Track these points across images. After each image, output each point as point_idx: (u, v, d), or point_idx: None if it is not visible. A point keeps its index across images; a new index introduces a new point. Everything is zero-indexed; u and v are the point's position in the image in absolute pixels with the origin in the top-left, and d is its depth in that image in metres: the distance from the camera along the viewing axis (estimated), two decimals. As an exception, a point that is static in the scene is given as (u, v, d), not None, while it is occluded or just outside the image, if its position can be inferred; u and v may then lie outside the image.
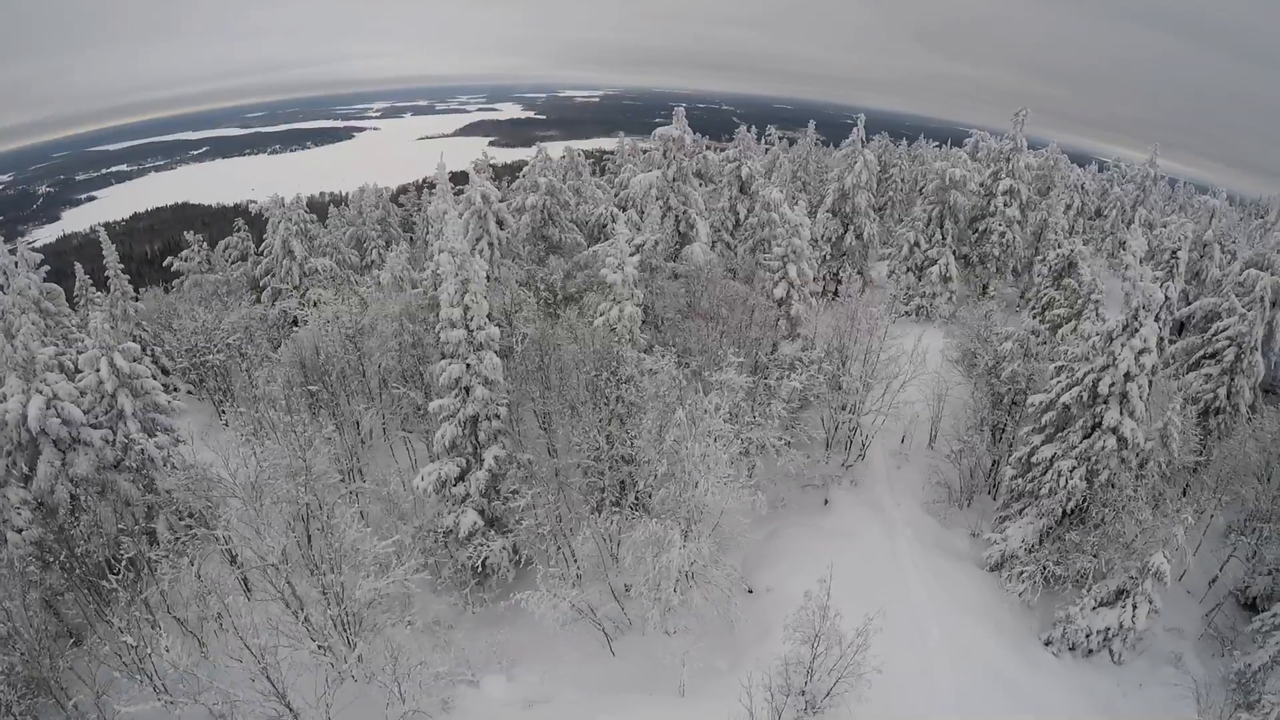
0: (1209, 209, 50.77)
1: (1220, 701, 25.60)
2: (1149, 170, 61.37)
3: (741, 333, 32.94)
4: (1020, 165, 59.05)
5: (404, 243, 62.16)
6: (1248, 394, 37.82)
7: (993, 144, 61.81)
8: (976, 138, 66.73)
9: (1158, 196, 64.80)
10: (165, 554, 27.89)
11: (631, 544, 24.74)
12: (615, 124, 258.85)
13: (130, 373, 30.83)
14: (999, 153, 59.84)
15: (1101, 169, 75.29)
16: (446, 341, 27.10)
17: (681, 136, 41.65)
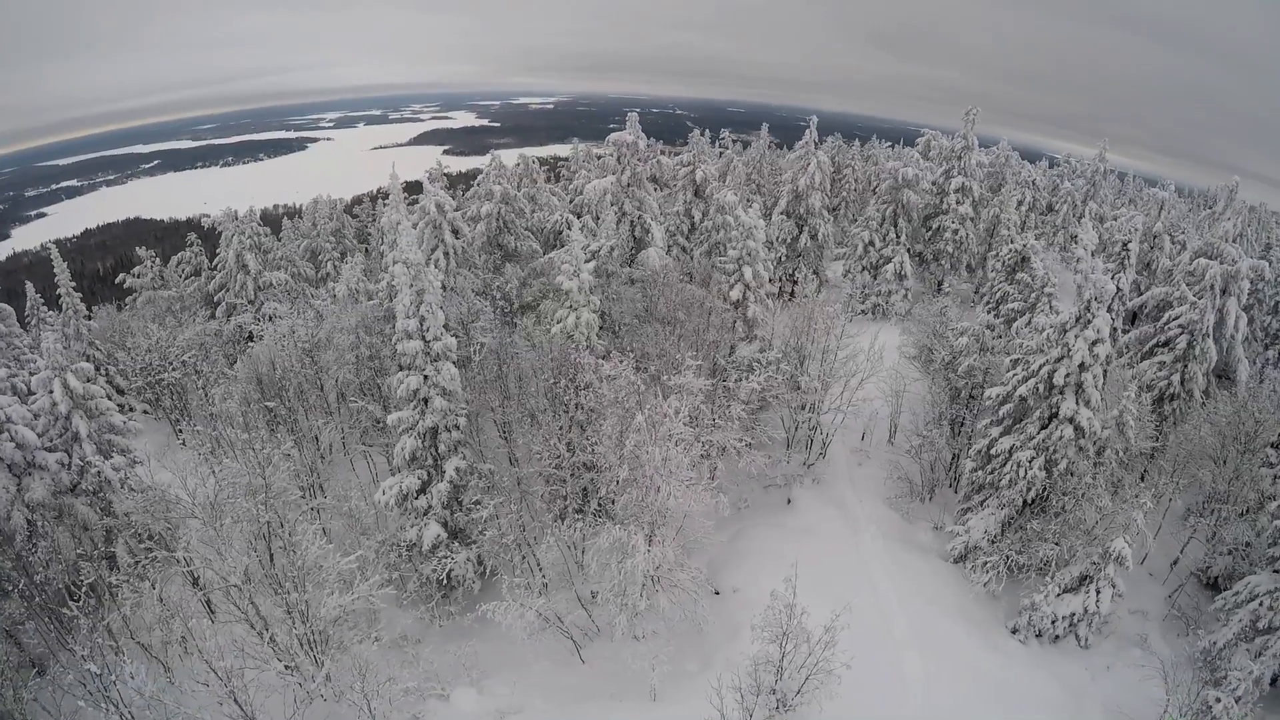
0: (1158, 201, 51.75)
1: (1188, 680, 25.80)
2: (1099, 165, 62.53)
3: (699, 336, 32.92)
4: (972, 163, 59.87)
5: (359, 254, 61.34)
6: (1201, 380, 38.57)
7: (944, 143, 62.63)
8: (928, 137, 67.58)
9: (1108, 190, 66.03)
10: (126, 578, 27.02)
11: (596, 550, 24.61)
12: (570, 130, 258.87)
13: (84, 393, 30.21)
14: (951, 151, 60.56)
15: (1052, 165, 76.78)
16: (403, 353, 26.74)
17: (635, 141, 41.66)
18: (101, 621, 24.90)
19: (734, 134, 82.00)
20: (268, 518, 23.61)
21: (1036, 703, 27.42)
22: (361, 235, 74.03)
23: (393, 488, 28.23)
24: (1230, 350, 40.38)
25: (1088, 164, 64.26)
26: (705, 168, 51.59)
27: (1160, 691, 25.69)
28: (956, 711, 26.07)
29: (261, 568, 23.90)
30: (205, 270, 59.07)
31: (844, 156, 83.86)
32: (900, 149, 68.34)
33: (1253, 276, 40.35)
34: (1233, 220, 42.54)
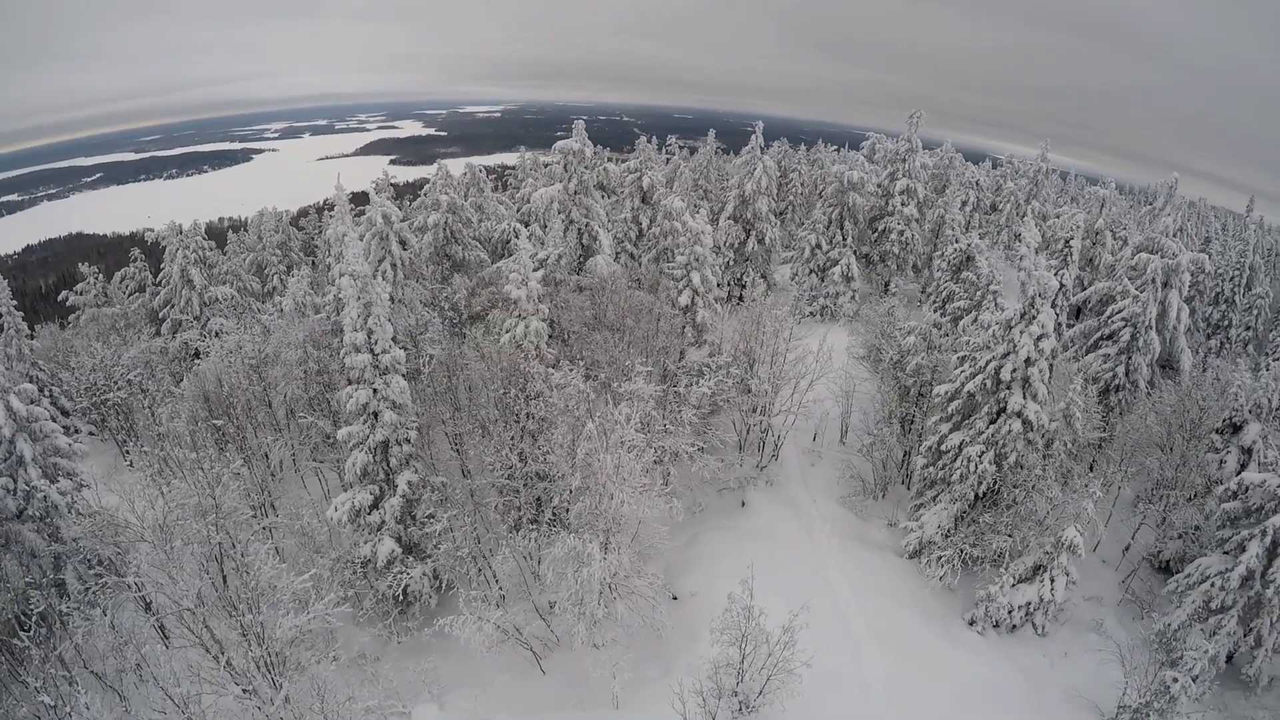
0: (1099, 198, 53.01)
1: (1145, 662, 26.22)
2: (1041, 165, 64.17)
3: (648, 342, 32.84)
4: (916, 165, 60.89)
5: (306, 267, 60.51)
6: (1145, 371, 39.57)
7: (889, 146, 63.61)
8: (873, 140, 68.65)
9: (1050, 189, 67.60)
10: (76, 605, 26.68)
11: (551, 560, 24.36)
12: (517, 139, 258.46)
13: (28, 415, 29.27)
14: (895, 154, 61.53)
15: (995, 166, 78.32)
16: (352, 367, 26.30)
17: (582, 149, 41.60)
18: (54, 651, 24.47)
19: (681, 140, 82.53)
20: (219, 539, 23.12)
21: (997, 692, 27.75)
22: (308, 248, 73.19)
23: (345, 504, 27.71)
24: (1173, 341, 41.41)
25: (1030, 164, 65.88)
26: (652, 174, 51.62)
27: (1118, 674, 26.23)
28: (918, 704, 26.27)
29: (215, 590, 23.25)
30: (150, 286, 57.61)
31: (790, 161, 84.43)
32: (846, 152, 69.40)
33: (1193, 269, 41.43)
34: (1173, 215, 43.75)
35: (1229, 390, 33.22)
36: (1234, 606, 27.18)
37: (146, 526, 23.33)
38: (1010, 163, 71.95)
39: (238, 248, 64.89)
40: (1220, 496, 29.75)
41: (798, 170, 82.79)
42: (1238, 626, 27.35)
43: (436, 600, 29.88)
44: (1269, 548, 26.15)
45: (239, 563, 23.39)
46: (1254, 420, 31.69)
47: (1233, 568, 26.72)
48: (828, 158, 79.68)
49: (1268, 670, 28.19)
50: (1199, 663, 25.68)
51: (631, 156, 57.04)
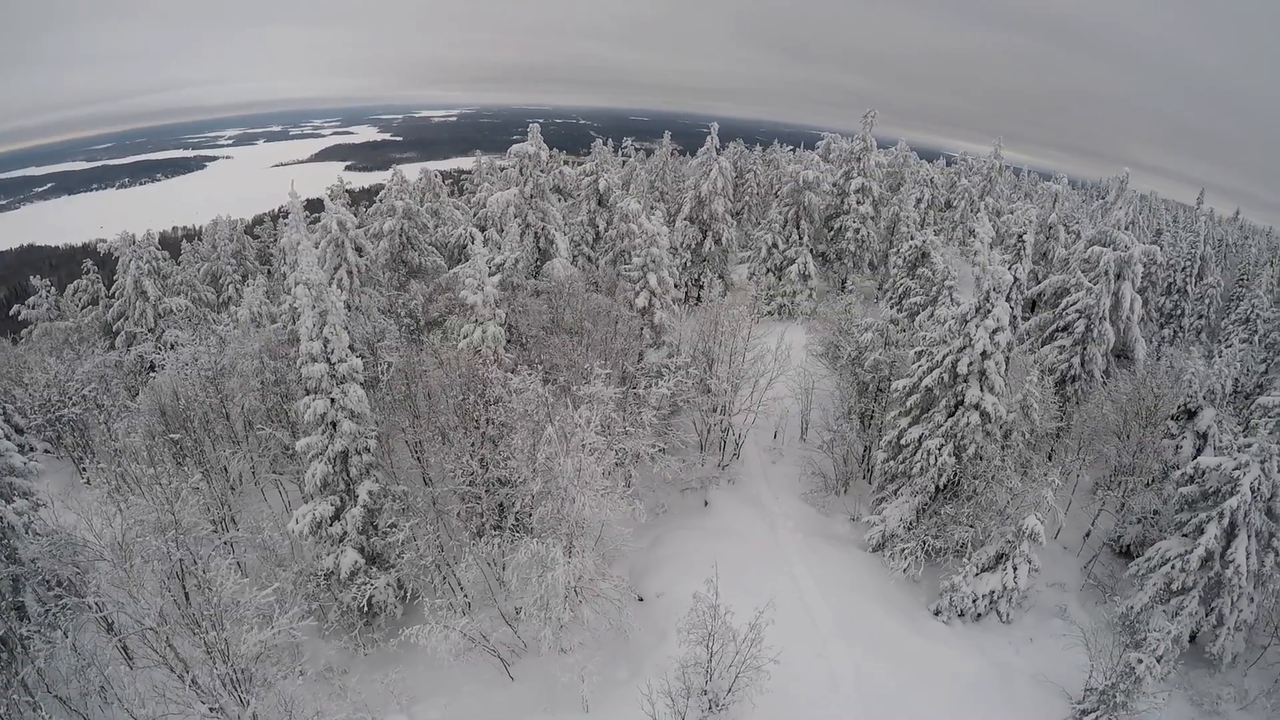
0: (1052, 194, 54.02)
1: (1109, 645, 26.72)
2: (994, 161, 65.15)
3: (607, 344, 32.77)
4: (871, 164, 61.43)
5: (261, 276, 59.91)
6: (1100, 361, 40.27)
7: (844, 145, 64.11)
8: (828, 140, 69.12)
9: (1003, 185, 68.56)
10: (37, 628, 25.84)
11: (516, 566, 24.23)
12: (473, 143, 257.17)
13: (-18, 434, 28.42)
14: (850, 153, 62.07)
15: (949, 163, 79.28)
16: (309, 376, 25.90)
17: (538, 153, 41.42)
18: (16, 677, 23.67)
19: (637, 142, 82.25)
20: (179, 555, 22.67)
21: (964, 679, 28.13)
22: (263, 256, 72.24)
23: (306, 516, 27.32)
24: (1127, 331, 42.18)
25: (983, 161, 66.73)
26: (608, 177, 51.73)
27: (1084, 658, 26.71)
28: (886, 696, 26.53)
29: (177, 607, 22.82)
30: (103, 299, 56.55)
31: (746, 161, 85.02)
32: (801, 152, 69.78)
33: (1145, 261, 42.16)
34: (1124, 209, 44.59)
35: (1183, 377, 34.01)
36: (1195, 587, 27.82)
37: (105, 545, 23.06)
38: (964, 160, 72.73)
39: (192, 257, 63.77)
40: (1177, 481, 30.44)
41: (753, 171, 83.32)
42: (1199, 607, 28.04)
43: (402, 610, 29.57)
44: (1227, 529, 26.82)
45: (200, 579, 22.86)
46: (1208, 406, 32.45)
47: (1192, 550, 27.34)
48: (783, 158, 79.89)
49: (1231, 648, 28.89)
50: (1162, 643, 25.94)
51: (587, 159, 57.17)
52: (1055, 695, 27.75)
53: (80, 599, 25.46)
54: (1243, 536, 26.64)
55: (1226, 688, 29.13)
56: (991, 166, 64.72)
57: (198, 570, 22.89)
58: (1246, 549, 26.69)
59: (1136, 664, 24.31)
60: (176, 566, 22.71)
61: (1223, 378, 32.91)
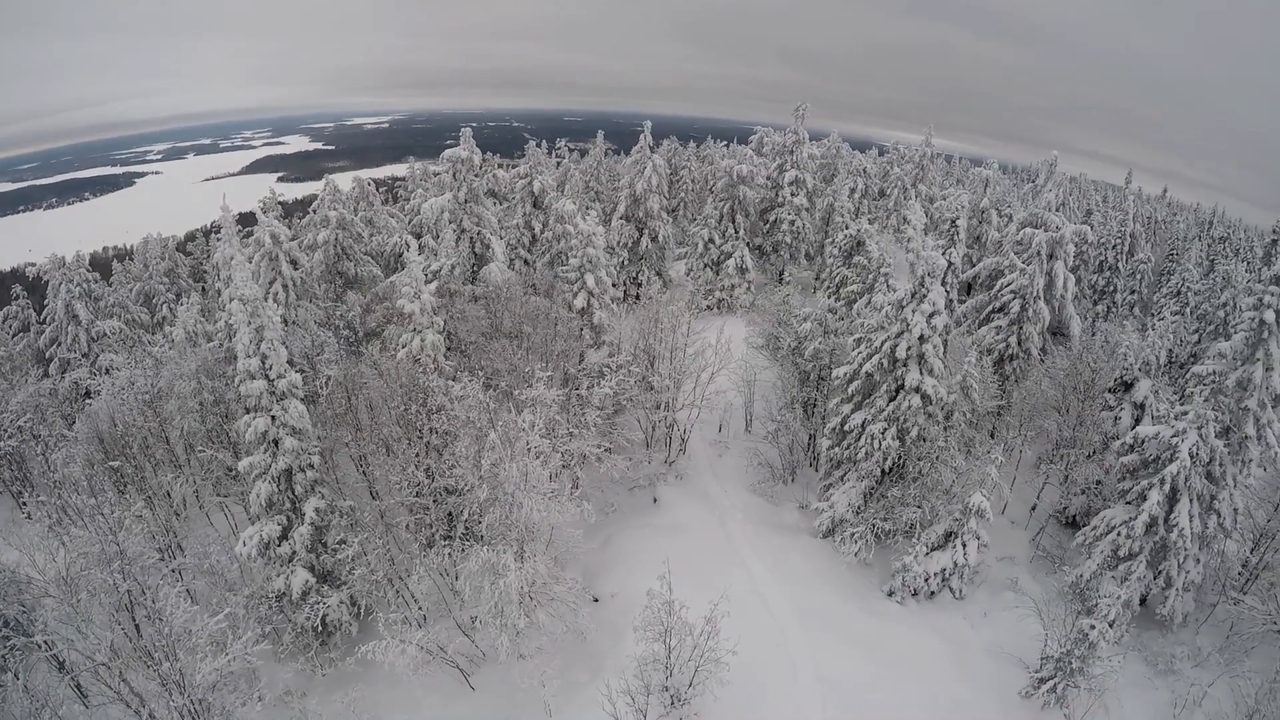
0: (983, 179, 55.15)
1: (1062, 613, 27.43)
2: (925, 150, 66.32)
3: (547, 346, 32.69)
4: (804, 156, 62.20)
5: (195, 294, 58.38)
6: (1037, 339, 41.32)
7: (777, 138, 64.70)
8: (761, 134, 69.77)
9: (936, 173, 69.71)
10: (-14, 672, 24.96)
11: (468, 574, 24.00)
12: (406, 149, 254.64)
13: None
14: (783, 146, 62.62)
15: (882, 153, 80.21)
16: (248, 394, 25.47)
17: (470, 157, 41.20)
18: (-34, 726, 22.91)
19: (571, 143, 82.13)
20: (127, 586, 21.96)
21: (922, 657, 28.70)
22: (197, 273, 70.59)
23: (253, 537, 26.82)
24: (1062, 309, 43.34)
25: (915, 149, 67.77)
26: (543, 179, 51.49)
27: (1038, 628, 27.35)
28: (846, 678, 26.96)
29: (129, 640, 22.15)
30: (34, 325, 54.55)
31: (680, 158, 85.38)
32: (735, 147, 69.96)
33: (1077, 240, 43.42)
34: (1054, 191, 45.66)
35: (1118, 351, 34.99)
36: (1142, 552, 28.62)
37: (50, 580, 22.86)
38: (896, 149, 73.62)
39: (124, 278, 61.96)
40: (1118, 451, 31.34)
41: (688, 167, 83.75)
42: (1147, 571, 28.84)
43: (357, 627, 29.14)
44: (1168, 495, 27.61)
45: (150, 609, 22.24)
46: (1144, 377, 33.43)
47: (1136, 516, 28.08)
48: (717, 153, 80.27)
49: (1181, 608, 29.85)
50: (1113, 608, 26.91)
51: (522, 162, 56.55)
52: (1012, 666, 28.37)
53: (29, 638, 24.88)
54: (1184, 501, 27.44)
55: (1180, 646, 30.17)
56: (923, 155, 65.81)
57: (147, 600, 22.27)
58: (1189, 512, 27.52)
59: (1090, 630, 25.03)
60: (125, 598, 21.95)
61: (1157, 349, 33.91)
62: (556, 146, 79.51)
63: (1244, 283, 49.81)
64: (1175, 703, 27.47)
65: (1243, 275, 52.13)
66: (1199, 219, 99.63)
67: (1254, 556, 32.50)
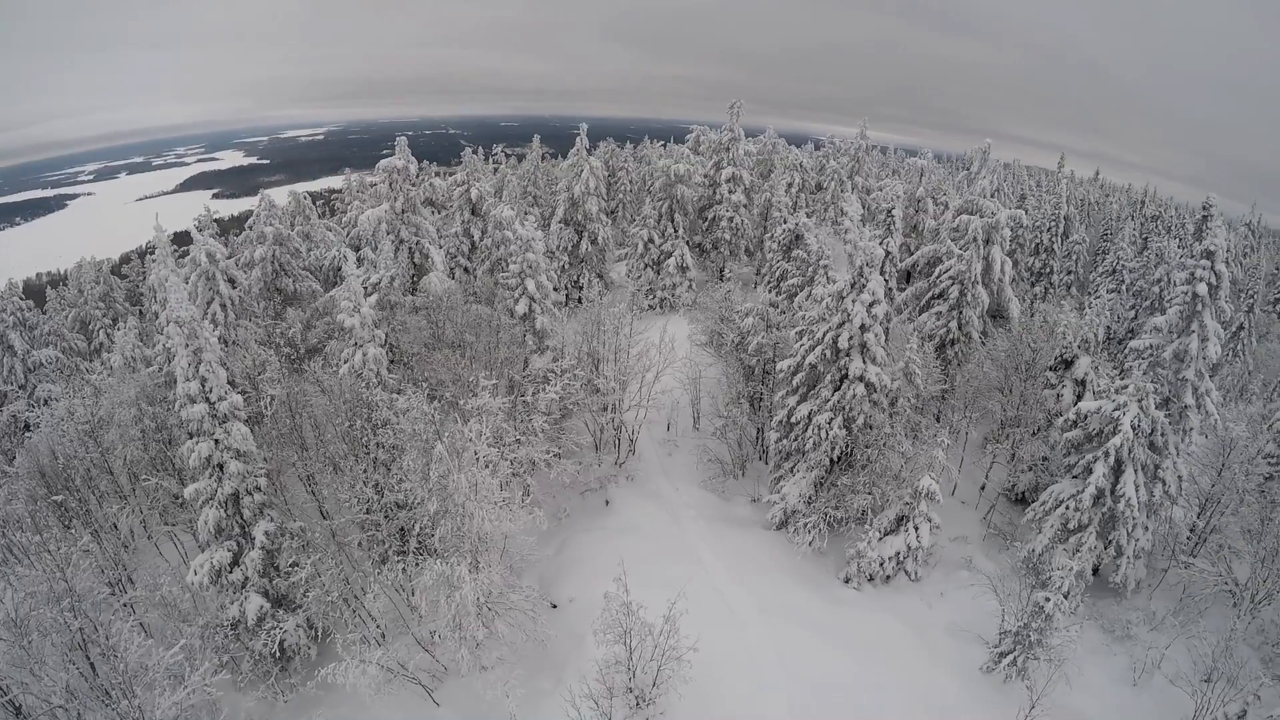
0: (918, 168, 56.41)
1: (1017, 588, 28.16)
2: (860, 142, 67.47)
3: (490, 354, 32.59)
4: (740, 153, 63.08)
5: (132, 318, 56.95)
6: (977, 323, 42.30)
7: (713, 137, 65.43)
8: (698, 132, 70.31)
9: (871, 164, 70.97)
10: (-64, 726, 24.09)
11: (423, 589, 23.82)
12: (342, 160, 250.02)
13: None
14: (719, 144, 63.42)
15: (818, 147, 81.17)
16: (189, 419, 24.96)
17: (406, 166, 40.91)
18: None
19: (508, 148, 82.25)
20: (79, 624, 21.51)
21: (883, 640, 29.19)
22: (133, 297, 68.97)
23: (204, 565, 26.30)
24: (1000, 292, 44.41)
25: (851, 142, 68.95)
26: (480, 186, 51.31)
27: (994, 604, 28.10)
28: (809, 666, 27.30)
29: (84, 680, 21.65)
30: (-31, 358, 53.21)
31: (617, 160, 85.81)
32: (672, 147, 70.33)
33: (1012, 225, 44.57)
34: (989, 178, 46.74)
35: (1057, 331, 35.85)
36: (1091, 524, 29.43)
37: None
38: (832, 143, 74.53)
39: (58, 305, 60.72)
40: (1062, 427, 32.20)
41: (626, 168, 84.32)
42: (1097, 541, 29.66)
43: (316, 650, 28.71)
44: (1114, 466, 28.45)
45: (104, 646, 21.84)
46: (1083, 354, 34.42)
47: (1083, 489, 28.91)
48: (654, 153, 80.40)
49: (1133, 576, 30.80)
50: (1067, 580, 27.54)
51: (459, 169, 56.39)
52: (972, 643, 29.04)
53: (-20, 686, 24.08)
54: (1129, 471, 28.28)
55: (1135, 612, 31.18)
56: (858, 147, 66.90)
57: (100, 638, 21.91)
58: (1135, 482, 28.34)
59: (1045, 602, 25.61)
60: (77, 637, 21.53)
61: (1095, 327, 34.91)
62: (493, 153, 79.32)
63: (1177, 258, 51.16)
64: (1134, 667, 28.35)
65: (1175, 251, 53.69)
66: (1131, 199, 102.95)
67: (1201, 521, 33.76)
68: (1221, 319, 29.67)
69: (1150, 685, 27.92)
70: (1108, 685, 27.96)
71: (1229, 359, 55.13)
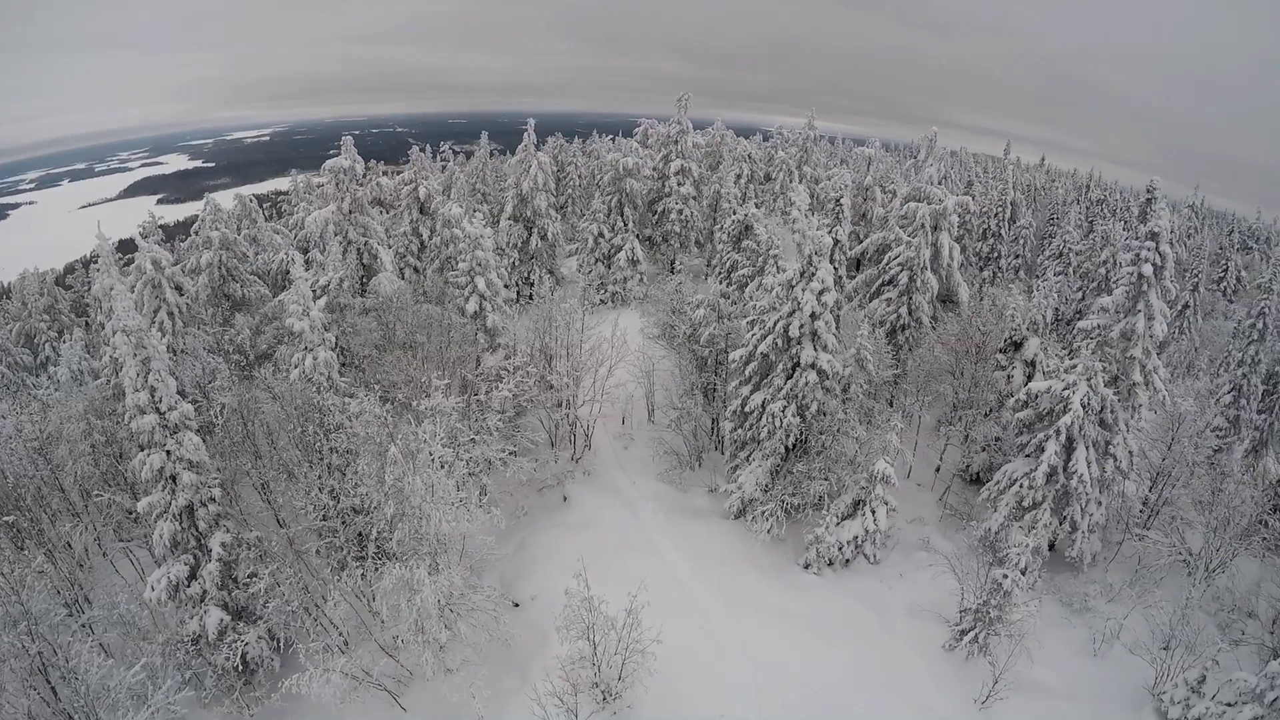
0: (866, 158, 57.32)
1: (975, 566, 28.67)
2: (808, 132, 68.18)
3: (442, 354, 32.47)
4: (688, 145, 63.70)
5: (79, 330, 55.81)
6: (927, 308, 43.10)
7: (661, 130, 65.86)
8: (646, 126, 70.88)
9: (820, 154, 71.60)
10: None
11: (383, 593, 23.74)
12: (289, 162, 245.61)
13: None
14: (668, 137, 63.86)
15: (766, 138, 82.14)
16: (140, 431, 24.55)
17: (353, 166, 40.48)
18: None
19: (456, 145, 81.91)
20: (37, 648, 21.25)
21: (845, 624, 29.64)
22: (79, 308, 67.38)
23: (161, 580, 25.98)
24: (949, 277, 45.26)
25: (799, 133, 69.66)
26: (428, 184, 51.21)
27: (954, 583, 28.62)
28: (773, 652, 27.63)
29: (46, 705, 21.59)
30: (-87, 379, 51.73)
31: (566, 154, 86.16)
32: (621, 140, 70.62)
33: (960, 211, 45.35)
34: (935, 165, 47.51)
35: (1006, 313, 36.74)
36: (1045, 501, 30.21)
37: None
38: (780, 133, 75.28)
39: (1, 319, 59.30)
40: (1013, 407, 33.03)
41: (574, 163, 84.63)
42: (1052, 518, 30.43)
43: (280, 661, 28.40)
44: (1065, 444, 29.19)
45: (64, 670, 21.71)
46: (1032, 336, 35.33)
47: (1037, 467, 29.65)
48: (603, 147, 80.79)
49: (1088, 549, 31.77)
50: (1024, 556, 28.07)
51: (406, 168, 55.91)
52: (933, 622, 29.60)
53: (-61, 719, 23.58)
54: (1081, 449, 29.00)
55: (1092, 585, 32.04)
56: (806, 137, 67.54)
57: (60, 660, 21.78)
58: (1086, 459, 29.09)
59: (1003, 580, 26.14)
60: (36, 661, 21.35)
61: (1043, 309, 35.83)
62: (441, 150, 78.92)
63: (1122, 240, 52.49)
64: (1094, 638, 29.12)
65: (1120, 234, 55.19)
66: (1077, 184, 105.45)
67: (1153, 494, 34.77)
68: (1167, 298, 30.30)
69: (1110, 655, 28.72)
70: (1069, 657, 28.67)
71: (1175, 337, 56.88)
